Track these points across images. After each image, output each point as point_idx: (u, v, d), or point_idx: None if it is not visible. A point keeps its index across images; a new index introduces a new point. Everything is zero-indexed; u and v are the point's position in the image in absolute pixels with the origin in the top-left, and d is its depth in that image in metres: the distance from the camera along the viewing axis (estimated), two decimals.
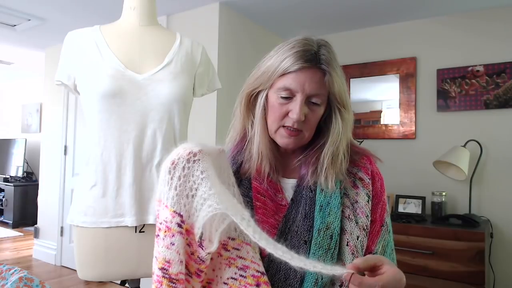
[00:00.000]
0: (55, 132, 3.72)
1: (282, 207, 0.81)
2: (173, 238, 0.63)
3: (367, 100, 2.94)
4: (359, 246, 0.76)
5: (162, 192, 0.66)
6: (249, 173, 0.83)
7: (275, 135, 0.81)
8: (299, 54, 0.75)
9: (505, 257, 2.40)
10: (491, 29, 2.50)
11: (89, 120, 1.22)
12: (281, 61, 0.77)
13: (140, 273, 1.22)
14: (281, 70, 0.76)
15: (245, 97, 0.83)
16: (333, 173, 0.78)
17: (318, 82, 0.76)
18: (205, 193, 0.64)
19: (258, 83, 0.81)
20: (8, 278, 1.04)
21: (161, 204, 0.66)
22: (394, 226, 2.17)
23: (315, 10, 2.65)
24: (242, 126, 0.86)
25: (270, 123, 0.81)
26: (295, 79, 0.76)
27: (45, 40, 3.53)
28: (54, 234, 3.65)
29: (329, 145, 0.80)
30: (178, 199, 0.64)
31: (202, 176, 0.65)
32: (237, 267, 0.69)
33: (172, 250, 0.63)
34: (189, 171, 0.65)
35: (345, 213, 0.77)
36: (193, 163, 0.65)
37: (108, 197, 1.18)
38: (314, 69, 0.76)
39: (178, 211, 0.64)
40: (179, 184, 0.65)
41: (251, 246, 0.70)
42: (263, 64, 0.81)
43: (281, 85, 0.77)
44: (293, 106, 0.76)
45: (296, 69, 0.75)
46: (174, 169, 0.65)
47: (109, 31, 1.27)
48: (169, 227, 0.64)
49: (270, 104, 0.80)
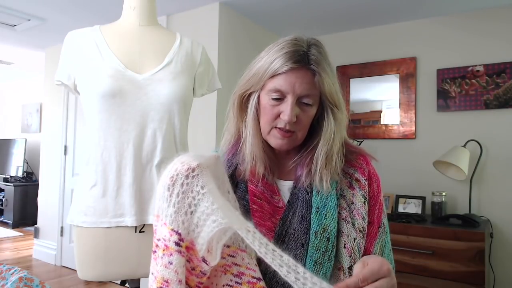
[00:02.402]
0: (55, 132, 3.72)
1: (279, 209, 0.80)
2: (171, 257, 0.62)
3: (367, 100, 2.94)
4: (356, 248, 0.76)
5: (160, 208, 0.65)
6: (244, 176, 0.82)
7: (268, 136, 0.80)
8: (289, 55, 0.75)
9: (505, 257, 2.40)
10: (491, 29, 2.50)
11: (89, 120, 1.22)
12: (271, 63, 0.76)
13: (140, 273, 1.22)
14: (271, 71, 0.76)
15: (237, 98, 0.83)
16: (328, 174, 0.78)
17: (309, 83, 0.76)
18: (207, 208, 0.63)
19: (249, 85, 0.80)
20: (8, 278, 1.04)
21: (159, 220, 0.65)
22: (394, 226, 2.19)
23: (315, 10, 2.65)
24: (236, 128, 0.85)
25: (262, 125, 0.80)
26: (285, 80, 0.75)
27: (45, 40, 3.53)
28: (54, 234, 3.65)
29: (322, 145, 0.79)
30: (176, 216, 0.63)
31: (203, 192, 0.64)
32: (232, 274, 0.69)
33: (170, 269, 0.62)
34: (188, 187, 0.64)
35: (342, 215, 0.77)
36: (192, 178, 0.64)
37: (108, 197, 1.18)
38: (304, 70, 0.75)
39: (176, 229, 0.63)
40: (178, 201, 0.64)
41: (247, 252, 0.70)
42: (254, 65, 0.81)
43: (271, 86, 0.77)
44: (284, 107, 0.76)
45: (286, 70, 0.75)
46: (173, 186, 0.64)
47: (109, 31, 1.27)
48: (168, 246, 0.63)
49: (262, 106, 0.79)
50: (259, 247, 0.59)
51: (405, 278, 2.11)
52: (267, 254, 0.58)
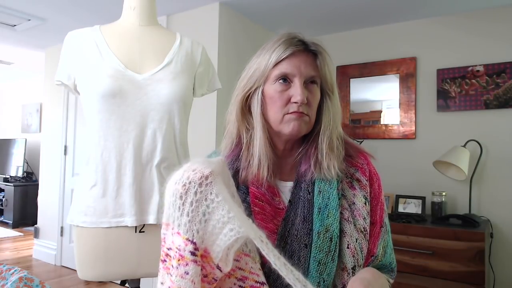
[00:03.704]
0: (55, 132, 3.72)
1: (280, 211, 0.80)
2: (187, 267, 0.61)
3: (367, 100, 2.94)
4: (358, 249, 0.76)
5: (171, 216, 0.63)
6: (247, 180, 0.81)
7: (281, 125, 0.79)
8: (288, 42, 0.78)
9: (505, 257, 2.40)
10: (491, 29, 2.50)
11: (89, 120, 1.22)
12: (272, 53, 0.78)
13: (140, 273, 1.22)
14: (273, 60, 0.78)
15: (239, 102, 0.83)
16: (334, 159, 0.79)
17: (312, 64, 0.79)
18: (223, 216, 0.62)
19: (251, 82, 0.81)
20: (8, 278, 1.04)
21: (169, 228, 0.64)
22: (394, 226, 2.19)
23: (315, 10, 2.65)
24: (237, 132, 0.85)
25: (273, 115, 0.79)
26: (290, 64, 0.77)
27: (45, 40, 3.53)
28: (54, 234, 3.65)
29: (323, 130, 0.80)
30: (190, 225, 0.62)
31: (217, 200, 0.62)
32: (236, 278, 0.69)
33: (187, 279, 0.61)
34: (201, 196, 0.62)
35: (344, 215, 0.77)
36: (205, 186, 0.62)
37: (108, 197, 1.18)
38: (306, 52, 0.79)
39: (191, 239, 0.62)
40: (191, 210, 0.62)
41: (250, 257, 0.70)
42: (252, 64, 0.82)
43: (277, 73, 0.78)
44: (294, 90, 0.77)
45: (289, 54, 0.77)
46: (186, 194, 0.62)
47: (109, 31, 1.27)
48: (183, 256, 0.62)
49: (269, 97, 0.79)
50: (274, 258, 0.60)
51: (405, 278, 2.11)
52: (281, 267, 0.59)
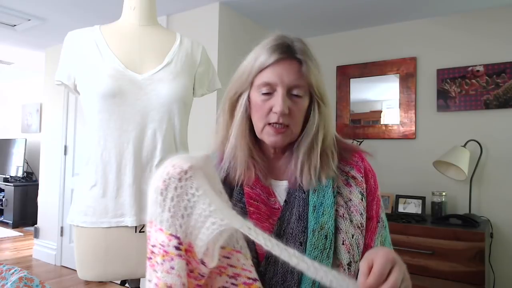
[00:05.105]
0: (55, 132, 3.72)
1: (276, 211, 0.80)
2: (172, 262, 0.61)
3: (367, 100, 2.94)
4: (354, 245, 0.76)
5: (153, 214, 0.63)
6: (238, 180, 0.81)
7: (262, 134, 0.79)
8: (273, 48, 0.76)
9: (505, 257, 2.40)
10: (491, 29, 2.50)
11: (89, 120, 1.22)
12: (256, 58, 0.77)
13: (140, 273, 1.22)
14: (257, 66, 0.77)
15: (227, 102, 0.83)
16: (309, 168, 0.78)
17: (296, 73, 0.76)
18: (205, 210, 0.62)
19: (238, 85, 0.81)
20: (8, 278, 1.04)
21: (152, 226, 0.64)
22: (394, 226, 2.19)
23: (315, 10, 2.65)
24: (226, 133, 0.84)
25: (256, 123, 0.80)
26: (273, 72, 0.76)
27: (45, 40, 3.53)
28: (54, 234, 3.65)
29: (304, 137, 0.79)
30: (173, 221, 0.62)
31: (198, 194, 0.62)
32: (228, 275, 0.68)
33: (173, 274, 0.61)
34: (182, 190, 0.62)
35: (339, 212, 0.77)
36: (185, 181, 0.62)
37: (108, 197, 1.18)
38: (290, 60, 0.76)
39: (174, 234, 0.62)
40: (173, 205, 0.62)
41: (242, 253, 0.69)
42: (241, 67, 0.82)
43: (260, 81, 0.77)
44: (275, 100, 0.76)
45: (272, 62, 0.75)
46: (166, 190, 0.62)
47: (109, 31, 1.27)
48: (167, 251, 0.62)
49: (253, 103, 0.79)
50: (264, 241, 0.59)
51: None
52: (274, 247, 0.58)
